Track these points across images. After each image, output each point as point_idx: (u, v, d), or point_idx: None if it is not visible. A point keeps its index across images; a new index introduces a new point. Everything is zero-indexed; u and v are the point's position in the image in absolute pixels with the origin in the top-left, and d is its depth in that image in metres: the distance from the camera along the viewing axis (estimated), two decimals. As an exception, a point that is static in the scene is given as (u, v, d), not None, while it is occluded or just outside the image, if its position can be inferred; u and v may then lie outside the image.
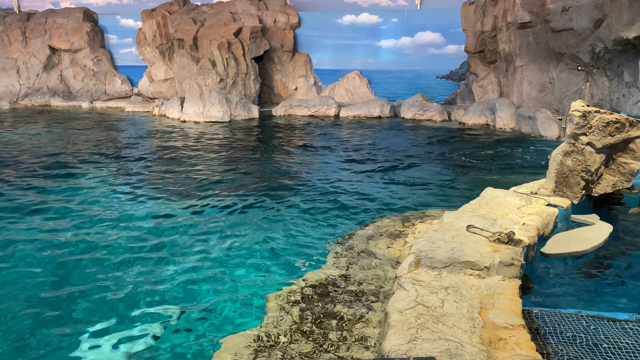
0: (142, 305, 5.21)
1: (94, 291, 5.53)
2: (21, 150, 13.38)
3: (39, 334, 4.69)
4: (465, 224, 5.29)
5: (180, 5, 22.42)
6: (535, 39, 15.93)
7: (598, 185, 6.51)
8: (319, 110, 19.81)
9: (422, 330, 3.44)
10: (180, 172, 10.98)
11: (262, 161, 12.21)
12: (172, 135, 15.75)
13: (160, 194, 9.22)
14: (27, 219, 7.85)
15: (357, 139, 14.97)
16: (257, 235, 7.06)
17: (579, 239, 5.35)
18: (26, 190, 9.43)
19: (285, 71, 22.02)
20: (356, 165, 11.65)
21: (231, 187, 9.68)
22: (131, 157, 12.57)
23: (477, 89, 19.20)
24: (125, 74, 24.48)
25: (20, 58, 24.35)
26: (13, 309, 5.12)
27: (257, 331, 4.34)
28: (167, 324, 4.88)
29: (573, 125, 6.16)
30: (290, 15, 21.58)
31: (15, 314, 5.02)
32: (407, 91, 20.94)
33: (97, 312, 5.11)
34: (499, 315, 3.73)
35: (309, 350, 4.05)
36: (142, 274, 5.93)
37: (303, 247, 6.65)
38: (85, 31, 23.68)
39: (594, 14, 13.91)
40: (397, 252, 6.03)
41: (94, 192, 9.34)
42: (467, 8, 18.96)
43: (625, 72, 13.20)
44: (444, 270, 4.42)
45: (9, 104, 23.23)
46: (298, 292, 5.00)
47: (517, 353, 3.24)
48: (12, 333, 4.71)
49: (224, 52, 19.57)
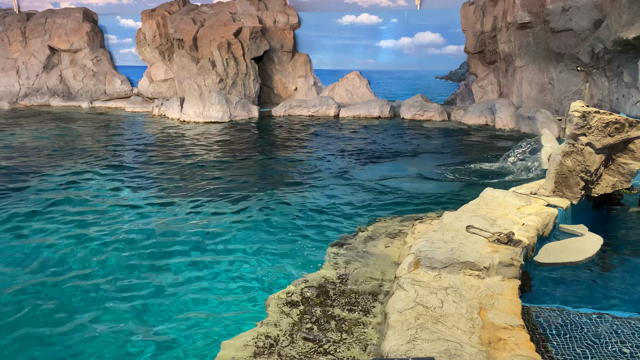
0: (138, 306, 5.20)
1: (93, 289, 5.53)
2: (21, 150, 13.38)
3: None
4: (464, 224, 5.29)
5: (180, 6, 22.42)
6: (535, 39, 15.93)
7: (597, 185, 6.51)
8: (319, 111, 19.81)
9: (421, 330, 3.44)
10: (180, 172, 10.98)
11: (262, 161, 12.21)
12: (171, 135, 15.74)
13: (158, 194, 9.22)
14: (25, 220, 7.85)
15: (356, 139, 14.97)
16: (256, 236, 7.06)
17: (571, 250, 5.38)
18: (26, 191, 9.42)
19: (285, 71, 22.02)
20: (355, 165, 11.65)
21: (230, 188, 9.68)
22: (130, 157, 12.56)
23: (477, 90, 19.21)
24: (125, 74, 24.48)
25: (20, 58, 24.35)
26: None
27: (257, 332, 4.33)
28: (166, 324, 4.88)
29: (573, 125, 6.16)
30: (290, 16, 21.58)
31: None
32: (406, 91, 20.93)
33: (96, 311, 5.11)
34: (498, 315, 3.73)
35: (309, 351, 4.05)
36: (139, 274, 5.93)
37: (302, 247, 6.65)
38: (85, 31, 23.67)
39: (593, 15, 13.92)
40: (396, 253, 6.03)
41: (93, 192, 9.33)
42: (467, 8, 18.96)
43: (624, 72, 13.20)
44: (443, 270, 4.42)
45: (9, 104, 23.22)
46: (297, 293, 5.00)
47: (517, 353, 3.24)
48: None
49: (224, 52, 19.57)
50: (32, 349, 4.49)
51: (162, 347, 4.49)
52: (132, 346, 4.53)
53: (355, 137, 15.36)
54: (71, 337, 4.66)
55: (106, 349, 4.48)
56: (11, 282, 5.76)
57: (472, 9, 18.73)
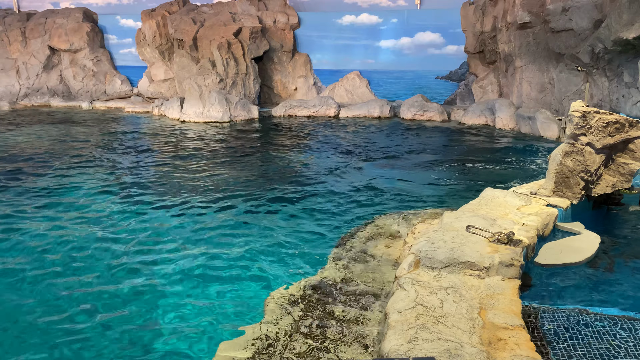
0: (136, 307, 5.20)
1: (91, 289, 5.53)
2: (21, 150, 13.37)
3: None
4: (464, 224, 5.29)
5: (180, 6, 22.41)
6: (534, 39, 15.93)
7: (597, 185, 6.51)
8: (319, 111, 19.80)
9: (421, 330, 3.44)
10: (180, 172, 10.98)
11: (262, 161, 12.21)
12: (171, 135, 15.74)
13: (158, 194, 9.22)
14: (23, 222, 7.85)
15: (356, 140, 14.97)
16: (256, 236, 7.05)
17: (571, 250, 5.38)
18: (25, 191, 9.42)
19: (285, 71, 22.02)
20: (355, 165, 11.65)
21: (230, 188, 9.68)
22: (130, 157, 12.56)
23: (477, 90, 19.20)
24: (125, 74, 24.47)
25: (20, 58, 24.34)
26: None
27: (257, 332, 4.33)
28: (165, 324, 4.88)
29: (573, 125, 6.16)
30: (290, 16, 21.58)
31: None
32: (406, 91, 20.93)
33: (93, 310, 5.11)
34: (498, 315, 3.73)
35: (309, 351, 4.04)
36: (140, 274, 5.93)
37: (302, 247, 6.65)
38: (85, 31, 23.67)
39: (593, 15, 13.92)
40: (396, 253, 6.03)
41: (92, 193, 9.33)
42: (467, 8, 18.96)
43: (624, 72, 13.21)
44: (443, 270, 4.42)
45: (9, 105, 23.21)
46: (297, 293, 5.00)
47: (517, 353, 3.24)
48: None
49: (224, 52, 19.56)
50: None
51: (162, 347, 4.49)
52: (131, 346, 4.52)
53: (355, 137, 15.36)
54: (63, 338, 4.66)
55: (105, 350, 4.48)
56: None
57: (472, 9, 18.73)
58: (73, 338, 4.63)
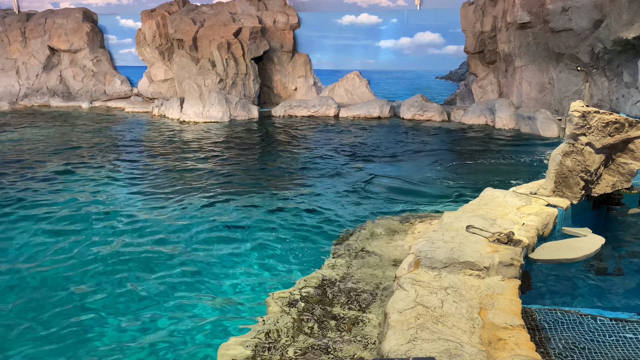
0: (138, 307, 5.20)
1: (91, 287, 5.53)
2: (21, 150, 13.37)
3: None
4: (464, 224, 5.29)
5: (179, 6, 22.42)
6: (534, 39, 15.94)
7: (597, 185, 6.51)
8: (319, 111, 19.80)
9: (421, 330, 3.44)
10: (179, 172, 10.98)
11: (262, 161, 12.21)
12: (171, 135, 15.74)
13: (158, 195, 9.22)
14: (23, 222, 7.85)
15: (356, 139, 14.97)
16: (255, 236, 7.05)
17: (569, 248, 5.31)
18: (24, 191, 9.42)
19: (285, 71, 22.02)
20: (355, 165, 11.65)
21: (230, 188, 9.68)
22: (130, 157, 12.56)
23: (477, 90, 19.21)
24: (125, 75, 24.48)
25: (20, 58, 24.34)
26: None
27: (257, 332, 4.33)
28: (165, 326, 4.87)
29: (572, 125, 6.16)
30: (289, 16, 21.58)
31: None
32: (406, 91, 20.93)
33: (93, 309, 5.11)
34: (498, 315, 3.73)
35: (309, 351, 4.04)
36: (139, 274, 5.93)
37: (302, 247, 6.65)
38: (84, 31, 23.67)
39: (593, 15, 13.92)
40: (396, 252, 6.03)
41: (92, 193, 9.33)
42: (467, 8, 18.96)
43: (624, 72, 13.21)
44: (443, 270, 4.42)
45: (9, 105, 23.21)
46: (297, 292, 5.00)
47: (517, 353, 3.24)
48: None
49: (224, 52, 19.57)
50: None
51: (162, 347, 4.49)
52: (131, 345, 4.52)
53: (355, 137, 15.36)
54: (64, 336, 4.66)
55: (102, 350, 4.48)
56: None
57: (472, 9, 18.73)
58: (80, 329, 4.64)
